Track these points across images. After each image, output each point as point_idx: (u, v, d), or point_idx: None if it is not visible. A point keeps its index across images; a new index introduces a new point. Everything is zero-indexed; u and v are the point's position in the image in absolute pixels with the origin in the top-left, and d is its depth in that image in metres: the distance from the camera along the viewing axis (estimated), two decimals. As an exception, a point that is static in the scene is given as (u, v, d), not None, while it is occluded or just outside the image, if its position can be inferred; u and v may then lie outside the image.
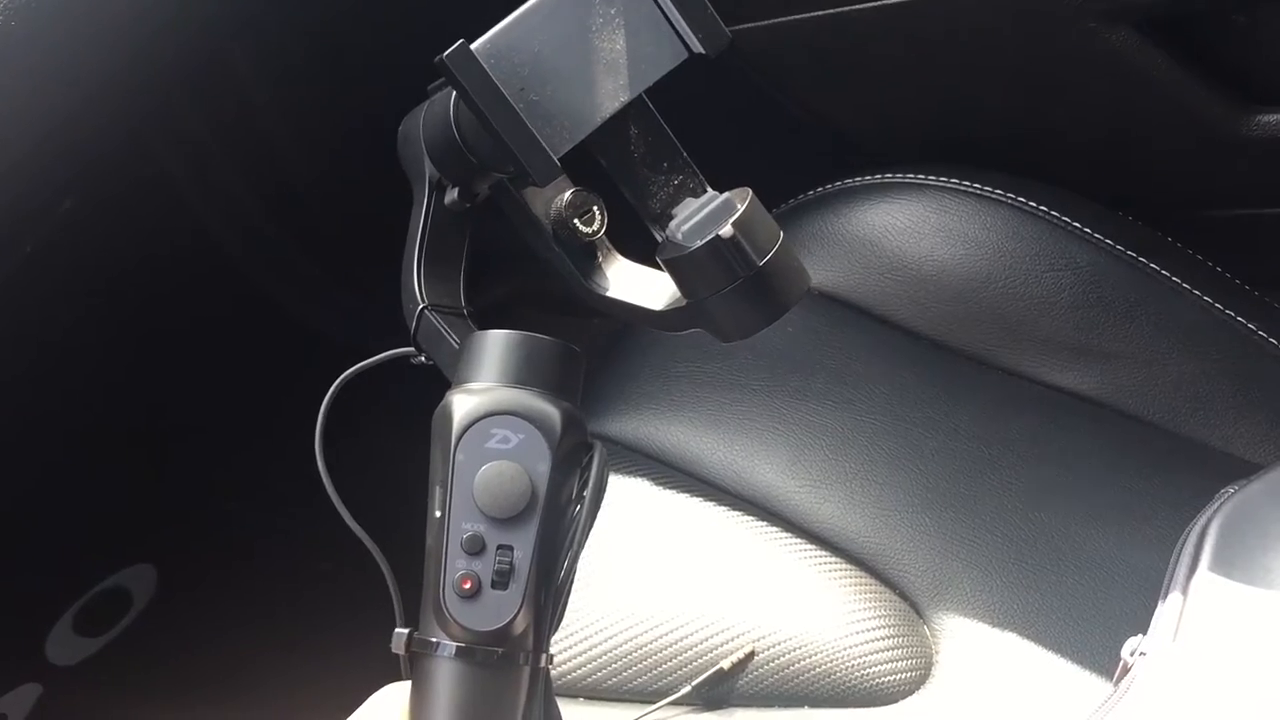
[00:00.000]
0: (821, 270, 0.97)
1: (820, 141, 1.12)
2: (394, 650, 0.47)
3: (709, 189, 0.48)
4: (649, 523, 0.90)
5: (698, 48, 0.46)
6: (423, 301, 0.53)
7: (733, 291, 0.45)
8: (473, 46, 0.44)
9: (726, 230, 0.44)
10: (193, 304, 1.22)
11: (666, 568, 0.87)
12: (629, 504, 0.90)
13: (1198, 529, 0.68)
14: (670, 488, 0.91)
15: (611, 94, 0.46)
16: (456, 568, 0.45)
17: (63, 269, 1.00)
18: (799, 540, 0.87)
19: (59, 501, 1.22)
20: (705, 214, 0.46)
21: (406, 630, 0.46)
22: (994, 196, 0.95)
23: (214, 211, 1.15)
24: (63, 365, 1.17)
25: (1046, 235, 0.93)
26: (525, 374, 0.46)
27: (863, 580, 0.84)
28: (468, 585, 0.45)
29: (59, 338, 1.14)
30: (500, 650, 0.45)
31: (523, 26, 0.45)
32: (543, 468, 0.45)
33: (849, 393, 0.92)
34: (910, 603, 0.83)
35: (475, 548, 0.45)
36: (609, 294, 0.51)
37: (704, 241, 0.44)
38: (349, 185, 1.20)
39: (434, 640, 0.46)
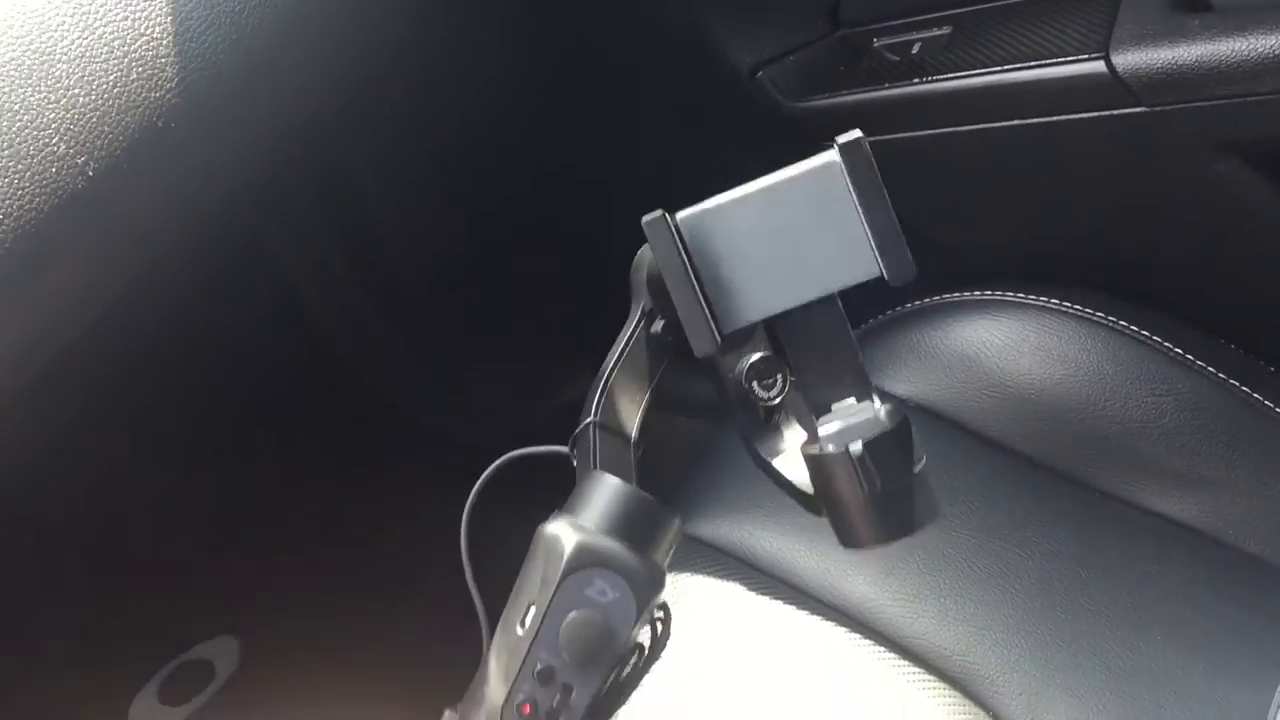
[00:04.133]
0: (918, 384, 0.98)
1: (921, 255, 1.13)
2: None
3: (874, 398, 0.49)
4: (740, 628, 0.90)
5: (882, 273, 0.48)
6: (593, 416, 0.56)
7: (852, 503, 0.48)
8: (680, 216, 0.47)
9: (856, 447, 0.46)
10: (292, 385, 1.26)
11: (757, 675, 0.87)
12: (721, 608, 0.91)
13: (1307, 671, 0.67)
14: (762, 593, 0.91)
15: (795, 289, 0.48)
16: (523, 690, 0.50)
17: (179, 352, 1.03)
18: (892, 654, 0.86)
19: (145, 572, 1.25)
20: (852, 422, 0.48)
21: (455, 718, 0.53)
22: (1094, 319, 0.95)
23: (329, 310, 1.19)
24: (163, 444, 1.21)
25: (1147, 360, 0.93)
26: (632, 532, 0.51)
27: (956, 700, 0.84)
28: (527, 711, 0.50)
29: (164, 418, 1.18)
30: None
31: (730, 209, 0.48)
32: (625, 630, 0.50)
33: (945, 508, 0.92)
34: (1004, 726, 0.83)
35: (546, 679, 0.50)
36: (771, 461, 0.54)
37: (835, 450, 0.47)
38: (457, 290, 1.23)
39: None
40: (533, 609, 0.50)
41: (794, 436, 0.54)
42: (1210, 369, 0.93)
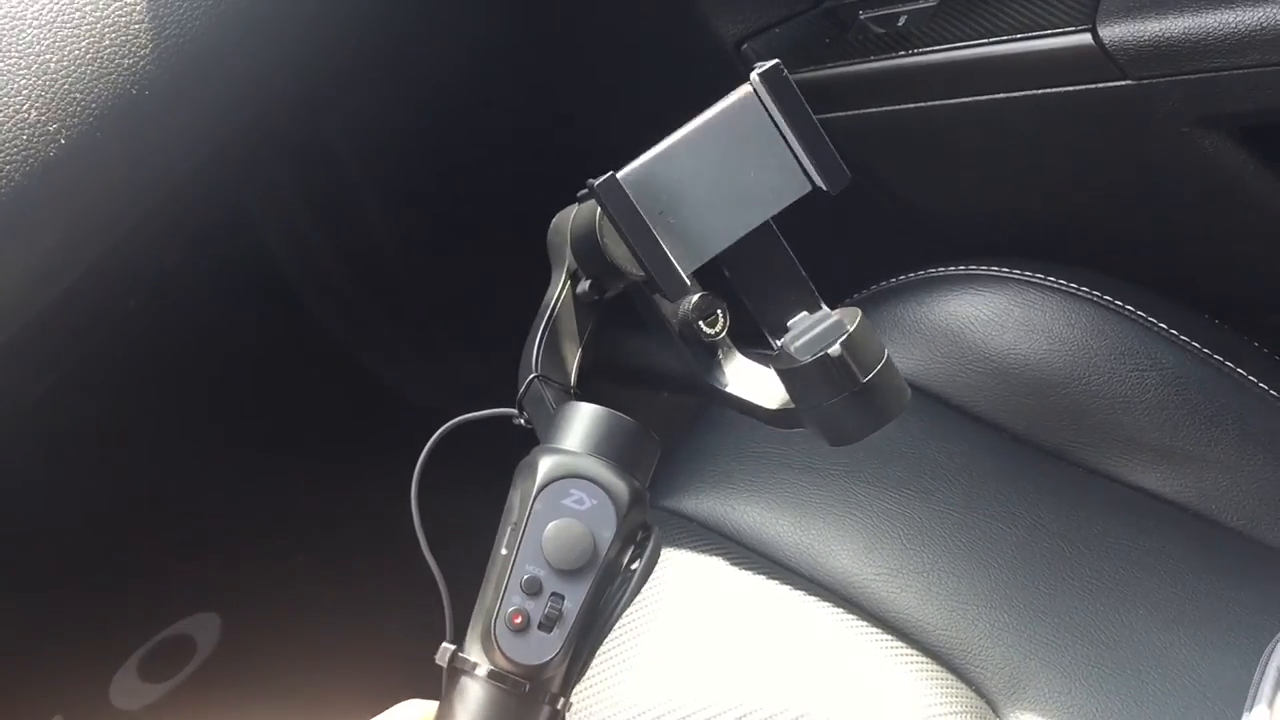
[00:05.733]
0: (901, 359, 0.98)
1: (905, 229, 1.13)
2: (436, 661, 0.51)
3: (823, 306, 0.53)
4: (723, 603, 0.90)
5: (820, 183, 0.50)
6: (535, 371, 0.58)
7: (837, 403, 0.49)
8: (620, 175, 0.49)
9: (835, 349, 0.49)
10: (271, 359, 1.25)
11: (739, 650, 0.87)
12: (704, 583, 0.91)
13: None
14: (746, 569, 0.91)
15: (740, 219, 0.51)
16: (512, 602, 0.50)
17: (158, 324, 1.02)
18: (874, 629, 0.86)
19: (128, 549, 1.24)
20: (818, 331, 0.51)
21: (452, 646, 0.51)
22: (1079, 293, 0.95)
23: (303, 276, 1.18)
24: (142, 418, 1.20)
25: (1132, 335, 0.93)
26: (607, 447, 0.52)
27: (938, 674, 0.84)
28: (518, 620, 0.50)
29: (143, 391, 1.17)
30: (529, 684, 0.50)
31: (666, 158, 0.50)
32: (607, 534, 0.51)
33: (927, 483, 0.92)
34: (986, 700, 0.83)
35: (533, 589, 0.50)
36: (727, 389, 0.56)
37: (814, 357, 0.49)
38: (431, 256, 1.22)
39: (473, 660, 0.50)
40: (512, 530, 0.51)
41: (736, 366, 0.57)
42: (1194, 344, 0.92)
